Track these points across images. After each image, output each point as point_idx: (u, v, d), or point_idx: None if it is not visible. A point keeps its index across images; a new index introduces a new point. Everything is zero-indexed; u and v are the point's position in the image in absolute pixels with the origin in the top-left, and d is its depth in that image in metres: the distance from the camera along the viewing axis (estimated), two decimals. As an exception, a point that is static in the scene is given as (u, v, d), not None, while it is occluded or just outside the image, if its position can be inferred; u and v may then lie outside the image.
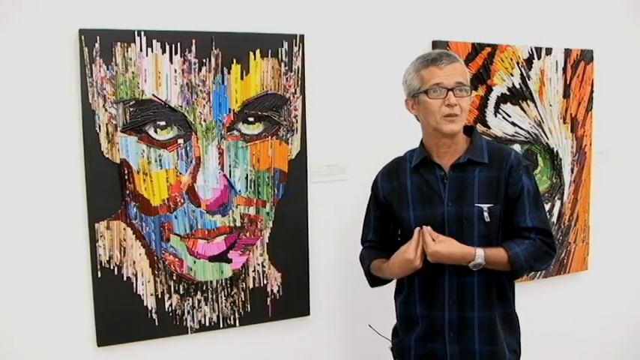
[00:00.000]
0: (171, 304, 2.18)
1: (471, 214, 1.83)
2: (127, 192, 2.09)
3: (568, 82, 2.86)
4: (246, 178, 2.24)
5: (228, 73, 2.18)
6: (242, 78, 2.20)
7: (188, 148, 2.15)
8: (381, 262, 1.97)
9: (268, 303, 2.32)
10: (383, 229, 2.03)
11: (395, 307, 2.05)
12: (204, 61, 2.14)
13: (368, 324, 2.14)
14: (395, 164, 2.00)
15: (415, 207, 1.89)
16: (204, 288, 2.22)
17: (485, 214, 1.82)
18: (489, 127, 2.68)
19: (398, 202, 1.93)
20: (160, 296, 2.16)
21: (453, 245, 1.79)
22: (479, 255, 1.78)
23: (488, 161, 1.86)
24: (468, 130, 1.93)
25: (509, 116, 2.74)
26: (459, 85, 1.80)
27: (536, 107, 2.80)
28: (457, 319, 1.86)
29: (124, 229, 2.10)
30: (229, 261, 2.25)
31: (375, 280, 2.03)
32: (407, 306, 1.96)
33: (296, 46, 2.27)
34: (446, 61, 1.81)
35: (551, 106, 2.83)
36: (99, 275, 2.07)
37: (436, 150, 1.88)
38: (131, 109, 2.06)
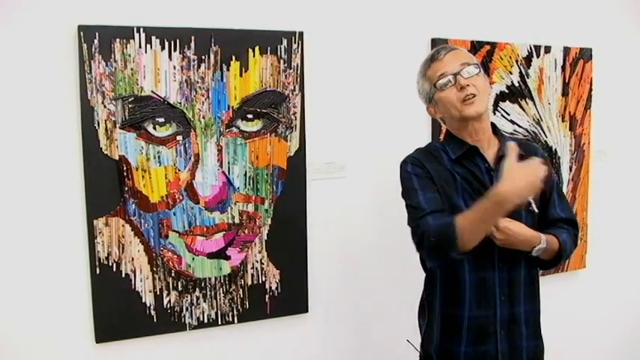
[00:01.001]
0: (169, 301, 2.18)
1: (519, 206, 1.76)
2: (126, 188, 2.08)
3: (567, 81, 2.87)
4: (245, 175, 2.24)
5: (227, 69, 2.18)
6: (241, 75, 2.20)
7: (187, 145, 2.15)
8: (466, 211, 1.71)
9: (267, 300, 2.32)
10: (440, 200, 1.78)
11: (425, 310, 1.94)
12: (203, 57, 2.14)
13: (406, 339, 2.03)
14: (427, 152, 1.89)
15: (465, 197, 1.79)
16: (202, 285, 2.23)
17: (534, 204, 1.78)
18: (488, 125, 2.68)
19: (446, 186, 1.79)
20: (158, 293, 2.16)
21: (522, 226, 1.75)
22: (544, 239, 1.77)
23: (523, 153, 1.78)
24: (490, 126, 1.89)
25: (508, 114, 2.74)
26: (464, 65, 1.78)
27: (535, 105, 2.80)
28: (508, 316, 1.83)
29: (123, 225, 2.09)
30: (228, 258, 2.25)
31: (456, 248, 1.68)
32: (452, 308, 1.84)
33: (295, 43, 2.27)
34: (443, 52, 1.81)
35: (549, 104, 2.83)
36: (97, 272, 2.07)
37: (472, 140, 1.83)
38: (130, 106, 2.06)
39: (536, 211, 1.80)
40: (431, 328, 1.91)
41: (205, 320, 2.24)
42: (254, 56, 2.21)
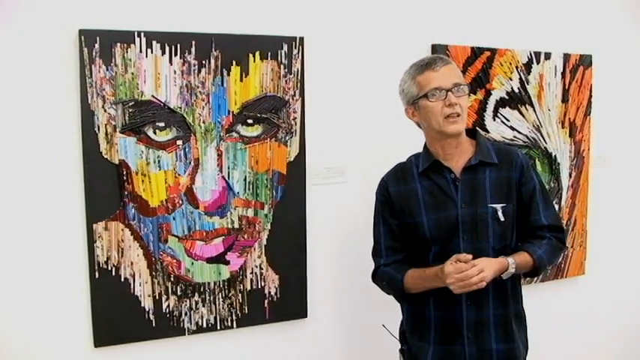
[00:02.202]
0: (168, 306, 2.18)
1: (485, 215, 1.85)
2: (126, 193, 2.08)
3: (567, 87, 2.87)
4: (245, 180, 2.24)
5: (228, 74, 2.18)
6: (241, 80, 2.20)
7: (187, 150, 2.15)
8: (416, 270, 1.90)
9: (265, 305, 2.32)
10: (397, 239, 1.96)
11: (402, 310, 2.04)
12: (203, 62, 2.14)
13: (382, 324, 2.09)
14: (399, 170, 1.99)
15: (428, 211, 1.88)
16: (201, 289, 2.22)
17: (500, 213, 1.84)
18: (488, 131, 2.68)
19: (409, 206, 1.91)
20: (157, 297, 2.16)
21: (490, 262, 1.77)
22: (512, 265, 1.79)
23: (497, 162, 1.89)
24: (471, 133, 1.95)
25: (508, 120, 2.74)
26: (457, 85, 1.82)
27: (535, 112, 2.80)
28: (475, 320, 1.86)
29: (122, 229, 2.09)
30: (227, 263, 2.25)
31: (403, 294, 1.95)
32: (419, 307, 1.94)
33: (295, 48, 2.27)
34: (440, 64, 1.83)
35: (549, 110, 2.84)
36: (96, 276, 2.07)
37: (442, 153, 1.89)
38: (130, 110, 2.06)
39: (502, 219, 1.84)
40: (405, 325, 2.03)
41: (204, 325, 2.24)
42: (254, 61, 2.21)
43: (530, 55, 2.76)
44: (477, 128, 1.95)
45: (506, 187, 1.88)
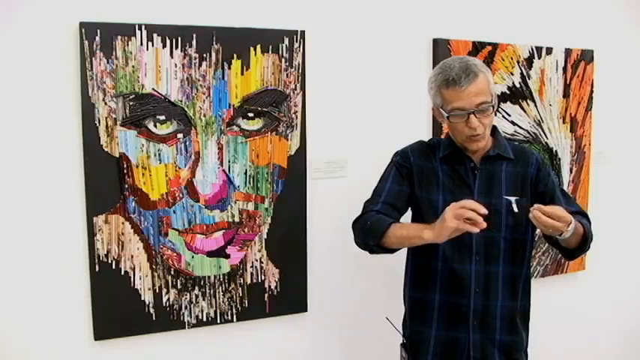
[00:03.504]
0: (168, 299, 2.18)
1: (500, 206, 1.87)
2: (126, 186, 2.08)
3: (568, 82, 2.87)
4: (245, 173, 2.24)
5: (229, 68, 2.17)
6: (242, 73, 2.20)
7: (187, 143, 2.14)
8: (406, 223, 1.89)
9: (266, 299, 2.32)
10: (399, 195, 1.93)
11: (404, 295, 2.05)
12: (204, 55, 2.13)
13: (385, 317, 2.10)
14: (424, 146, 1.98)
15: (445, 192, 1.89)
16: (201, 283, 2.22)
17: (514, 205, 1.85)
18: (489, 126, 2.67)
19: (427, 182, 1.92)
20: (157, 291, 2.16)
21: (556, 208, 1.73)
22: (572, 226, 1.75)
23: (514, 157, 1.93)
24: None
25: (509, 115, 2.74)
26: (482, 104, 1.78)
27: (536, 107, 2.80)
28: (482, 308, 1.88)
29: (123, 223, 2.09)
30: (227, 256, 2.25)
31: (379, 245, 1.86)
32: (423, 293, 1.94)
33: (297, 42, 2.26)
34: (466, 83, 1.76)
35: (550, 105, 2.83)
36: (97, 269, 2.07)
37: (463, 147, 1.90)
38: (131, 103, 2.05)
39: (517, 211, 1.85)
40: (405, 314, 2.04)
41: (204, 319, 2.24)
42: (255, 55, 2.21)
43: (532, 49, 2.75)
44: (496, 125, 1.93)
45: (521, 182, 1.91)
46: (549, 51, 2.80)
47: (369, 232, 1.86)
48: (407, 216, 2.00)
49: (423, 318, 1.95)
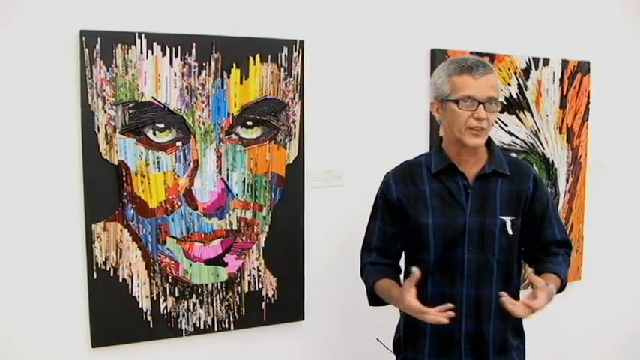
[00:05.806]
0: (166, 307, 2.18)
1: (493, 226, 1.80)
2: (125, 194, 2.09)
3: (564, 93, 2.89)
4: (244, 182, 2.25)
5: (228, 77, 2.19)
6: (241, 82, 2.21)
7: (186, 151, 2.15)
8: (389, 283, 1.86)
9: (263, 307, 2.33)
10: (390, 237, 1.92)
11: (399, 320, 2.01)
12: (204, 64, 2.15)
13: (376, 337, 2.10)
14: (407, 169, 1.91)
15: (435, 215, 1.82)
16: (199, 291, 2.23)
17: (509, 226, 1.80)
18: (486, 136, 2.69)
19: (415, 207, 1.84)
20: (155, 298, 2.16)
21: (542, 299, 1.71)
22: (554, 292, 1.77)
23: (510, 174, 1.84)
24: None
25: (506, 125, 2.75)
26: (491, 99, 1.75)
27: (533, 117, 2.82)
28: (474, 332, 1.84)
29: (121, 230, 2.10)
30: (225, 264, 2.25)
31: (375, 300, 1.92)
32: (414, 317, 1.77)
33: (296, 51, 2.28)
34: (482, 72, 1.74)
35: (547, 116, 2.85)
36: (95, 276, 2.07)
37: (457, 158, 1.83)
38: (130, 111, 2.06)
39: (510, 233, 1.81)
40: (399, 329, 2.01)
41: (202, 326, 2.24)
42: (254, 64, 2.22)
43: (529, 60, 2.78)
44: (491, 137, 1.90)
45: (515, 201, 1.83)
46: (546, 62, 2.82)
47: (367, 293, 1.94)
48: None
49: (415, 344, 1.90)
